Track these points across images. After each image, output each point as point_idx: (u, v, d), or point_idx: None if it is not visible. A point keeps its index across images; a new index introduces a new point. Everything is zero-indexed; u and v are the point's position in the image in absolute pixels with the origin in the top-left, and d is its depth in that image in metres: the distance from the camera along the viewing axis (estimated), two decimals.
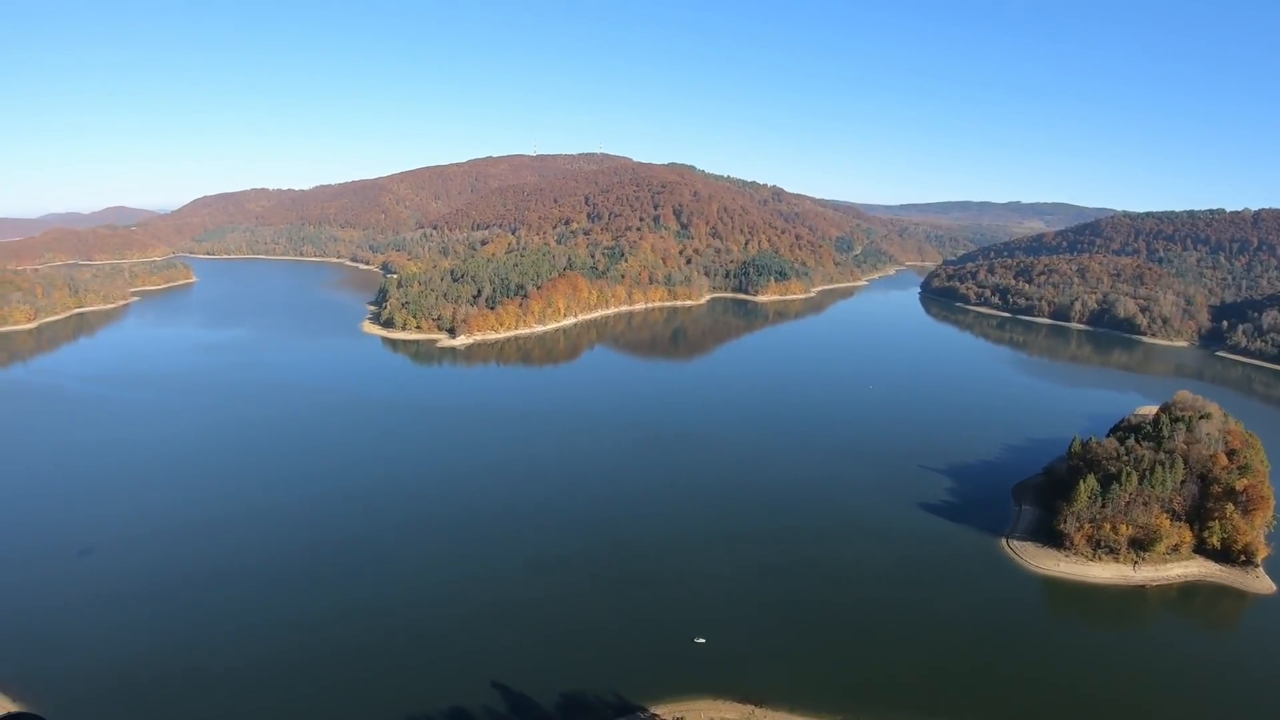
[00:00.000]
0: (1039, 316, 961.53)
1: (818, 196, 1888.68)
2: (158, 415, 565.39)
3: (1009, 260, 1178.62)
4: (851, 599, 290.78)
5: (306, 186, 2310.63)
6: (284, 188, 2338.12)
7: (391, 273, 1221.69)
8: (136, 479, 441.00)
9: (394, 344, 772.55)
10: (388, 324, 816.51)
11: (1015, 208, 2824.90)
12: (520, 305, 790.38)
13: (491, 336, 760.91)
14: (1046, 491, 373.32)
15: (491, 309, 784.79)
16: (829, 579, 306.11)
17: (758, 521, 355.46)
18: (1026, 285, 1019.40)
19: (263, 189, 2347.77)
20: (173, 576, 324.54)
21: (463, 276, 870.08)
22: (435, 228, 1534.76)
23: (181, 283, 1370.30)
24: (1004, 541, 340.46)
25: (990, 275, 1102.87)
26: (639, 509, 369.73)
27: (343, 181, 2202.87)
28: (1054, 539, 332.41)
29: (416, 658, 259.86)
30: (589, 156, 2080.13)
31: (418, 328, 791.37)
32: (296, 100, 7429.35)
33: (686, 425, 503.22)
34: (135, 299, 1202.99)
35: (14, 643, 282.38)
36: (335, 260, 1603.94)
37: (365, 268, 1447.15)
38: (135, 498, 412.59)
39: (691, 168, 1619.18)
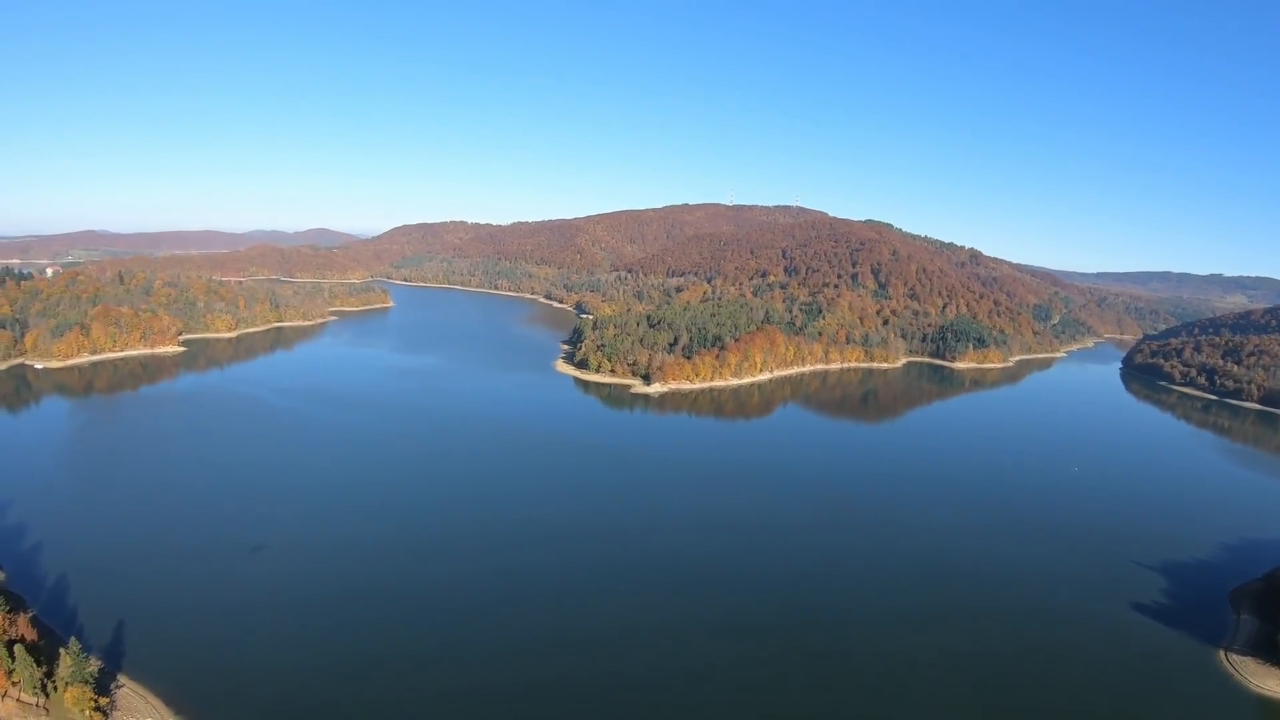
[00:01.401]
0: (1247, 400, 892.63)
1: (1015, 260, 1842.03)
2: (345, 434, 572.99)
3: (1215, 338, 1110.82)
4: (1060, 699, 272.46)
5: (504, 222, 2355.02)
6: (482, 222, 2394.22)
7: (585, 313, 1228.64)
8: (315, 490, 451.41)
9: (586, 385, 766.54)
10: (582, 365, 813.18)
11: (1217, 280, 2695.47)
12: (717, 357, 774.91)
13: (686, 386, 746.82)
14: (1268, 601, 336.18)
15: (688, 358, 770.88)
16: (1032, 676, 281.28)
17: (953, 600, 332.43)
18: (1235, 366, 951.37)
19: (461, 221, 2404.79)
20: (332, 587, 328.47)
21: (659, 323, 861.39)
22: (630, 271, 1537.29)
23: (378, 306, 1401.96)
24: (1222, 654, 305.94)
25: (1196, 354, 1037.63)
26: (831, 576, 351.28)
27: (540, 219, 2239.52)
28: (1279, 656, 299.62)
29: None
30: (785, 209, 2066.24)
31: (612, 371, 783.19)
32: (498, 138, 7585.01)
33: (875, 491, 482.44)
34: (332, 318, 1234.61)
35: (174, 624, 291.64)
36: (529, 296, 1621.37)
37: (558, 306, 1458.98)
38: (310, 506, 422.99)
39: (889, 225, 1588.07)
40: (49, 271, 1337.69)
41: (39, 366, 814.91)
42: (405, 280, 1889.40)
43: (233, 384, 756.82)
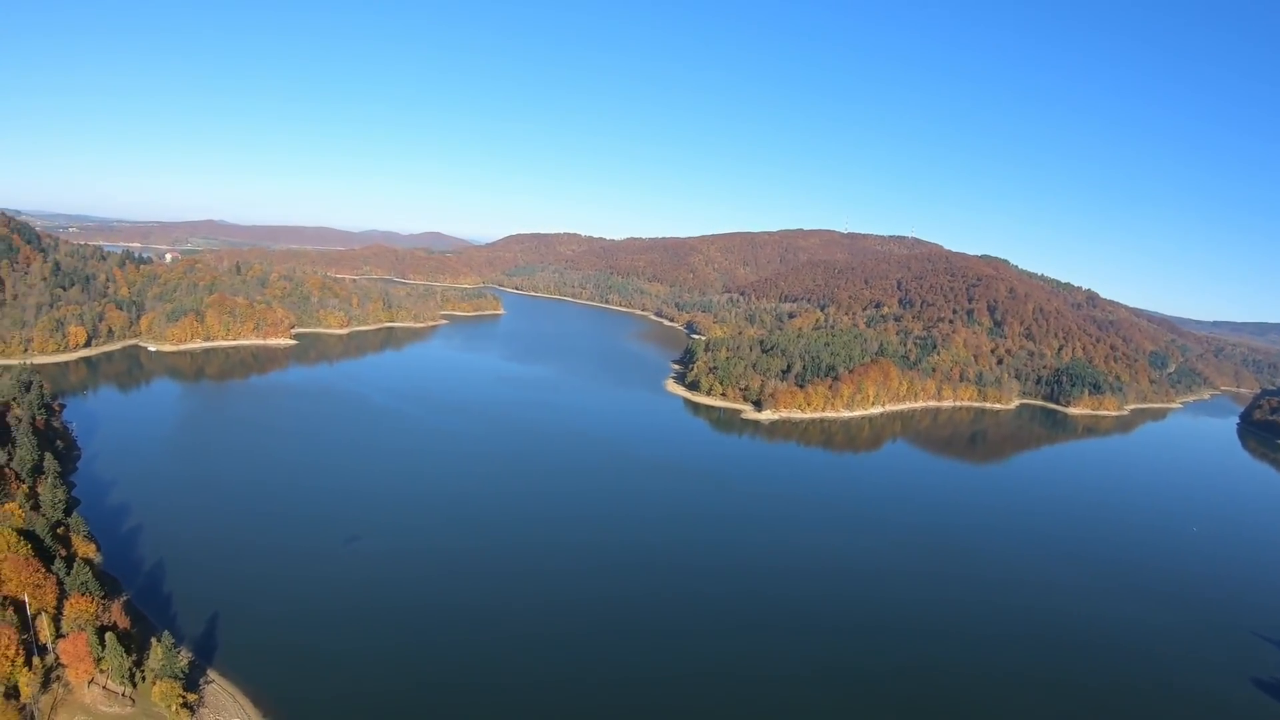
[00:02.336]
0: None
1: (1131, 304, 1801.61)
2: (450, 440, 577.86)
3: None
4: None
5: (617, 237, 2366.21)
6: (595, 235, 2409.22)
7: (696, 333, 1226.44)
8: (415, 495, 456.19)
9: (696, 407, 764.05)
10: (693, 386, 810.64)
11: None
12: (830, 387, 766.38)
13: (797, 415, 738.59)
14: None
15: (800, 387, 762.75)
16: None
17: (1066, 665, 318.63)
18: None
19: (575, 234, 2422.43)
20: (423, 596, 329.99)
21: (772, 348, 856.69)
22: (742, 293, 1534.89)
23: (489, 313, 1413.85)
24: None
25: None
26: (940, 629, 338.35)
27: (653, 236, 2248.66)
28: None
29: None
30: (899, 239, 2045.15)
31: (723, 395, 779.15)
32: (616, 154, 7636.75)
33: (979, 539, 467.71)
34: (443, 321, 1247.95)
35: (266, 619, 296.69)
36: (639, 312, 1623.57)
37: (669, 324, 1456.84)
38: (409, 510, 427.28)
39: (1005, 261, 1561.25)
40: (168, 257, 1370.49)
41: (152, 349, 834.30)
42: (517, 288, 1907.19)
43: (341, 380, 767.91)
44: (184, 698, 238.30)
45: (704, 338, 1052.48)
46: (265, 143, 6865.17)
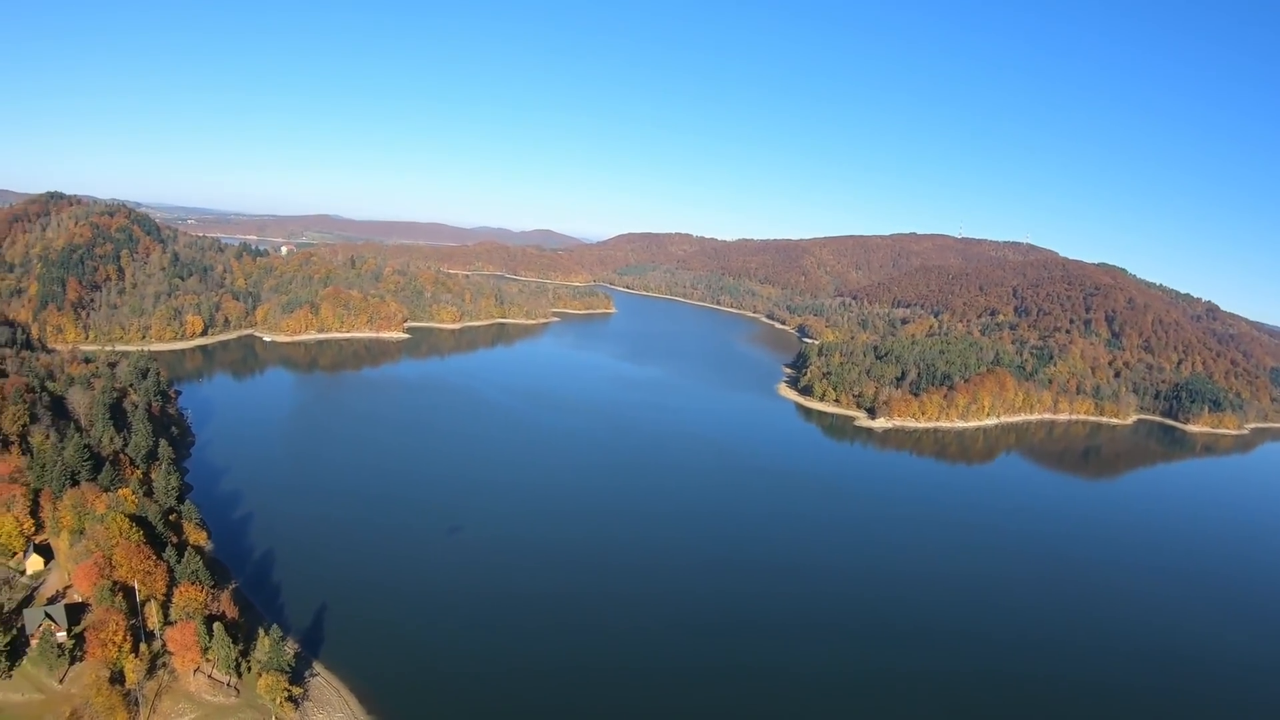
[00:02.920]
0: None
1: (1252, 318, 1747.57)
2: (560, 438, 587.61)
3: None
4: None
5: (729, 238, 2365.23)
6: (707, 236, 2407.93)
7: (808, 337, 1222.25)
8: (523, 490, 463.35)
9: (808, 413, 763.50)
10: (805, 391, 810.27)
11: None
12: (945, 396, 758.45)
13: (911, 424, 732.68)
14: None
15: (915, 395, 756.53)
16: None
17: (1181, 684, 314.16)
18: None
19: (686, 234, 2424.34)
20: (530, 589, 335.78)
21: (886, 355, 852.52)
22: (855, 297, 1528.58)
23: (600, 311, 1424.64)
24: None
25: None
26: (1054, 642, 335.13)
27: (764, 238, 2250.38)
28: None
29: None
30: (1014, 245, 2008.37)
31: (836, 400, 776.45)
32: (729, 154, 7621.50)
33: (1089, 554, 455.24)
34: (555, 319, 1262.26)
35: (371, 611, 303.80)
36: (751, 314, 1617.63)
37: (780, 327, 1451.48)
38: (515, 506, 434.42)
39: (1123, 270, 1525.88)
40: (284, 250, 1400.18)
41: (267, 339, 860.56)
42: (628, 288, 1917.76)
43: (453, 375, 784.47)
44: (289, 691, 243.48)
45: (817, 342, 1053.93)
46: (382, 139, 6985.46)
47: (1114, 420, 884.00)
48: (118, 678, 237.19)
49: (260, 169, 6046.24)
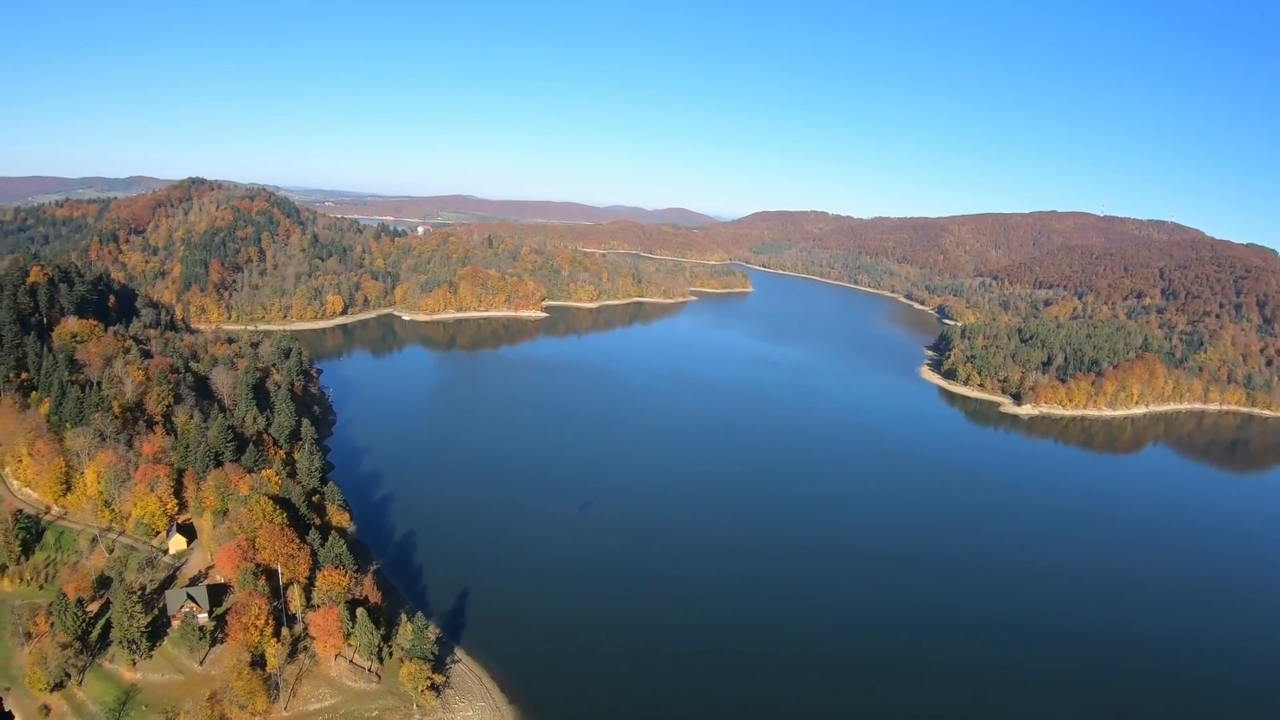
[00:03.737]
0: None
1: None
2: (698, 419, 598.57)
3: None
4: None
5: (865, 216, 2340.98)
6: (843, 214, 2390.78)
7: (948, 318, 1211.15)
8: (660, 469, 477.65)
9: (951, 397, 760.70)
10: (949, 375, 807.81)
11: None
12: (1093, 383, 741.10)
13: (1058, 412, 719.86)
14: None
15: (1062, 381, 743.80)
16: None
17: None
18: None
19: (822, 212, 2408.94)
20: (658, 565, 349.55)
21: (1031, 338, 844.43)
22: (995, 278, 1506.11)
23: (738, 290, 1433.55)
24: None
25: None
26: (1196, 640, 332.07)
27: (901, 216, 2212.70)
28: None
29: None
30: (1158, 224, 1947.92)
31: (980, 385, 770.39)
32: (865, 132, 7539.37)
33: (1239, 557, 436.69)
34: (692, 298, 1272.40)
35: (511, 594, 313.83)
36: (889, 294, 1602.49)
37: (919, 307, 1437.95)
38: (655, 484, 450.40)
39: (1274, 252, 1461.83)
40: (420, 230, 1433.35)
41: (406, 318, 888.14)
42: (763, 266, 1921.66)
43: (590, 354, 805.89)
44: (431, 680, 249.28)
45: (958, 324, 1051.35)
46: (516, 119, 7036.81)
47: (1266, 412, 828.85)
48: (258, 661, 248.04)
49: (396, 151, 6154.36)
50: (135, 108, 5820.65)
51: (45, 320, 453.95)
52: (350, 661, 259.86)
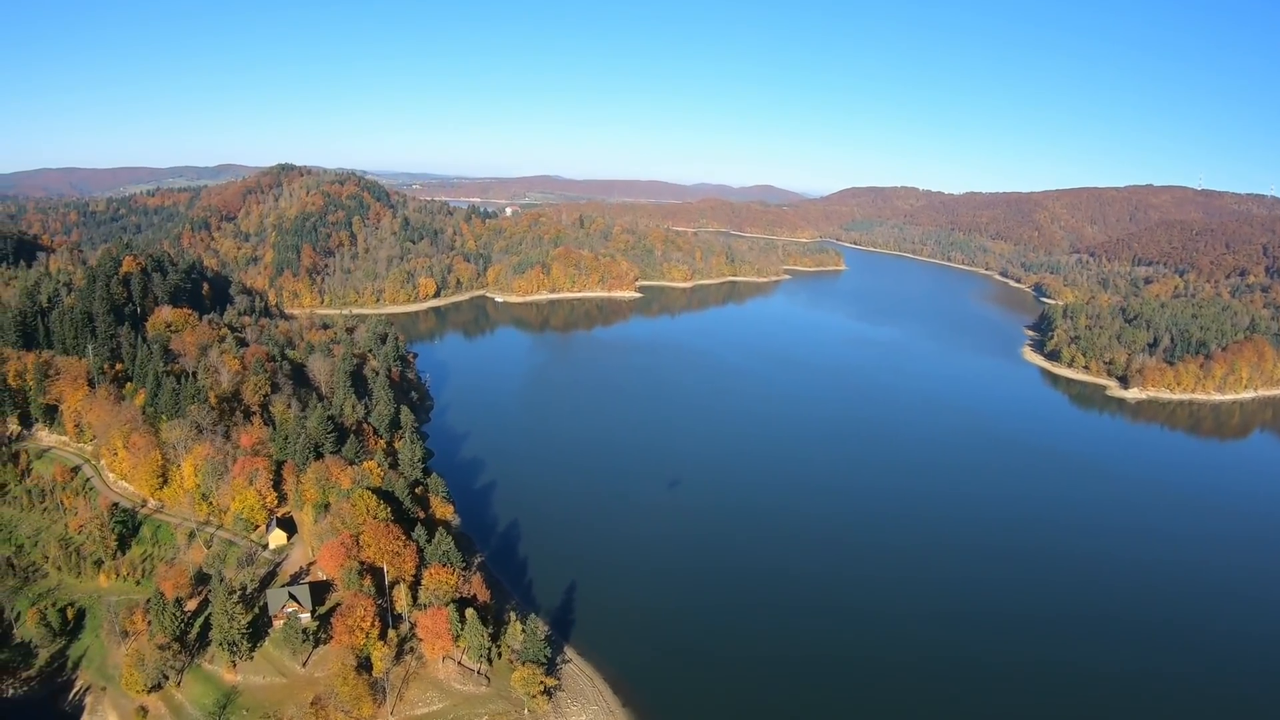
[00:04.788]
0: None
1: None
2: (799, 404, 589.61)
3: None
4: None
5: (956, 190, 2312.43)
6: (933, 189, 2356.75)
7: (1045, 296, 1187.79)
8: (761, 456, 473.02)
9: (1054, 379, 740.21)
10: (1052, 356, 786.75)
11: None
12: (1201, 366, 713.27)
13: (1165, 395, 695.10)
14: None
15: (1170, 364, 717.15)
16: None
17: None
18: None
19: (912, 188, 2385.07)
20: (764, 558, 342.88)
21: (1135, 318, 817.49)
22: (1092, 254, 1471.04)
23: (830, 268, 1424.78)
24: None
25: None
26: None
27: (994, 191, 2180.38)
28: None
29: None
30: (1259, 199, 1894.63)
31: (1085, 368, 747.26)
32: (954, 106, 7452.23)
33: None
34: (786, 277, 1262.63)
35: (617, 587, 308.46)
36: (983, 271, 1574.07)
37: (1015, 285, 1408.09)
38: (758, 472, 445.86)
39: None
40: (508, 211, 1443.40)
41: (499, 299, 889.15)
42: (854, 243, 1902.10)
43: (686, 335, 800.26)
44: (544, 684, 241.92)
45: (1059, 303, 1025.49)
46: (600, 99, 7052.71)
47: None
48: (364, 664, 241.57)
49: (481, 133, 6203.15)
50: (223, 97, 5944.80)
51: (139, 310, 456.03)
52: (459, 663, 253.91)
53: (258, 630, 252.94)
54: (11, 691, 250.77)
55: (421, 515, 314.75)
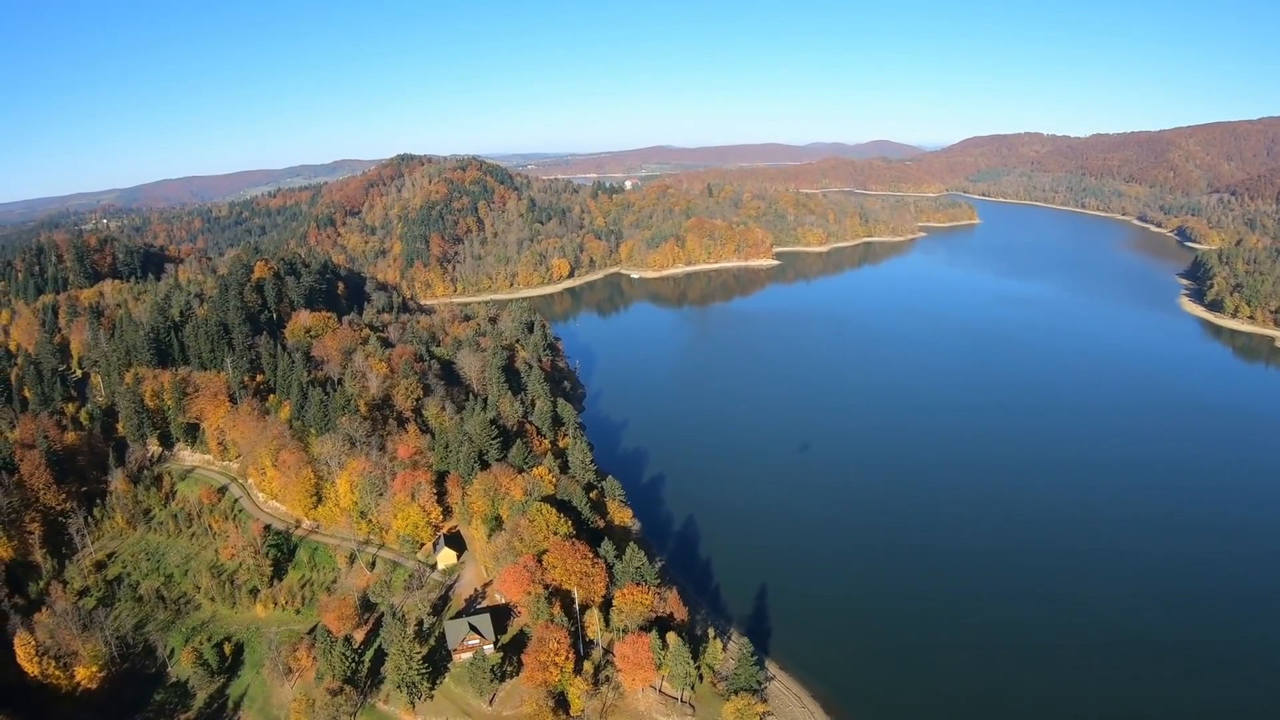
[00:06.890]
0: None
1: None
2: (953, 368, 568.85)
3: None
4: None
5: (1082, 134, 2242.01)
6: (1058, 133, 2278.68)
7: (1189, 240, 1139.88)
8: (916, 428, 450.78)
9: (1217, 331, 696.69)
10: (1213, 306, 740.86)
11: None
12: None
13: None
14: None
15: None
16: None
17: None
18: None
19: (1036, 133, 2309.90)
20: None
21: None
22: (1233, 193, 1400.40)
23: (964, 222, 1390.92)
24: None
25: None
26: None
27: (1122, 131, 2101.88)
28: None
29: None
30: None
31: (1250, 318, 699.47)
32: (1072, 43, 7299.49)
33: None
34: (921, 234, 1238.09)
35: (805, 588, 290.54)
36: (1120, 217, 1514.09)
37: (1155, 230, 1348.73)
38: (911, 444, 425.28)
39: None
40: (628, 184, 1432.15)
41: (634, 275, 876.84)
42: (983, 195, 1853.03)
43: (826, 302, 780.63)
44: (758, 713, 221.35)
45: (1211, 248, 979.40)
46: (709, 63, 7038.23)
47: None
48: (559, 699, 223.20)
49: (591, 106, 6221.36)
50: (335, 94, 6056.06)
51: (276, 316, 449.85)
52: (659, 691, 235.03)
53: (435, 664, 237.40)
54: None
55: (600, 523, 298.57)
